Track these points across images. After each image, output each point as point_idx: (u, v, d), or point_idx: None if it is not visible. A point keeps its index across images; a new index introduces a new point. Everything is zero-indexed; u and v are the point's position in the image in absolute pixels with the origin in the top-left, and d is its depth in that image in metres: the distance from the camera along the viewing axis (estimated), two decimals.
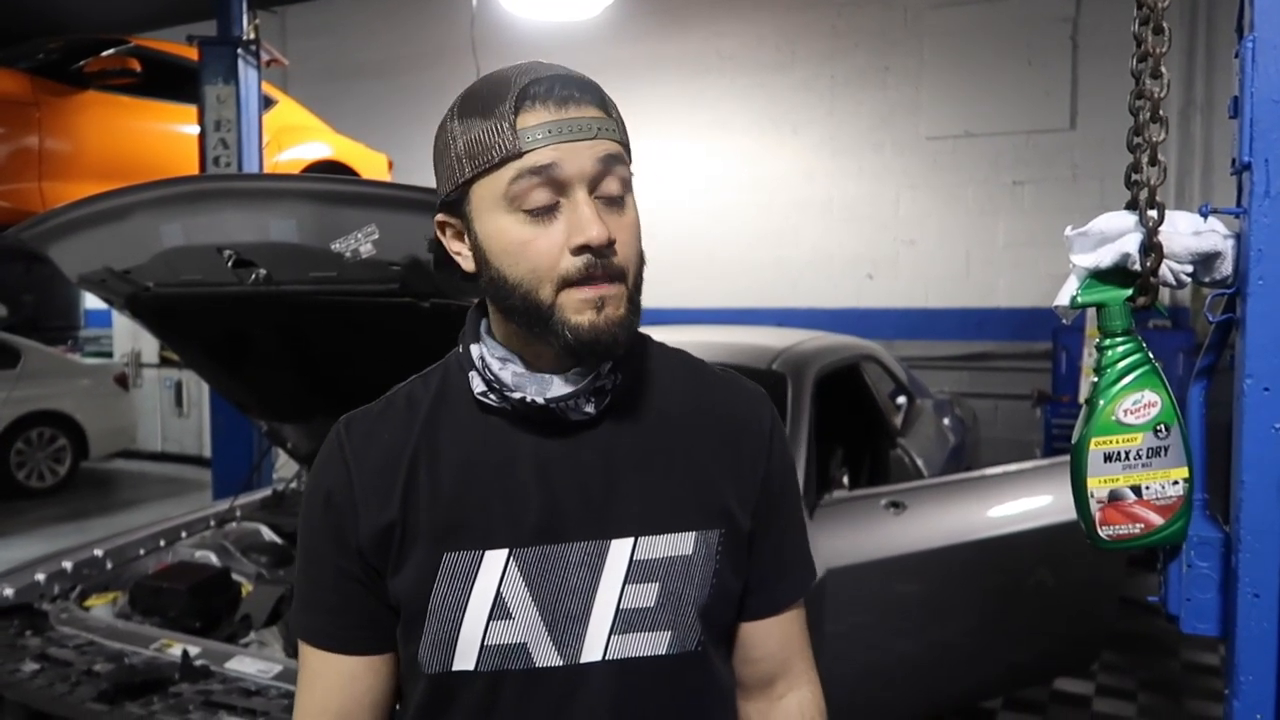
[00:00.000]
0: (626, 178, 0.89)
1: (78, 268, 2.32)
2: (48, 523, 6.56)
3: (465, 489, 0.92)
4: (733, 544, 0.95)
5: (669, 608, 0.91)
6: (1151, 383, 1.10)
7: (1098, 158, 6.23)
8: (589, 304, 0.86)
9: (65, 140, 5.00)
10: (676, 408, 0.98)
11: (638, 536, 0.92)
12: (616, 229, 0.87)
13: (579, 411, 0.92)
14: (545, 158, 0.84)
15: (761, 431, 1.00)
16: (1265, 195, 1.03)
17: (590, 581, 0.91)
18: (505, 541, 0.91)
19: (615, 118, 0.89)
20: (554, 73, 0.87)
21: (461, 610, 0.90)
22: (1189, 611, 1.14)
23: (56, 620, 2.19)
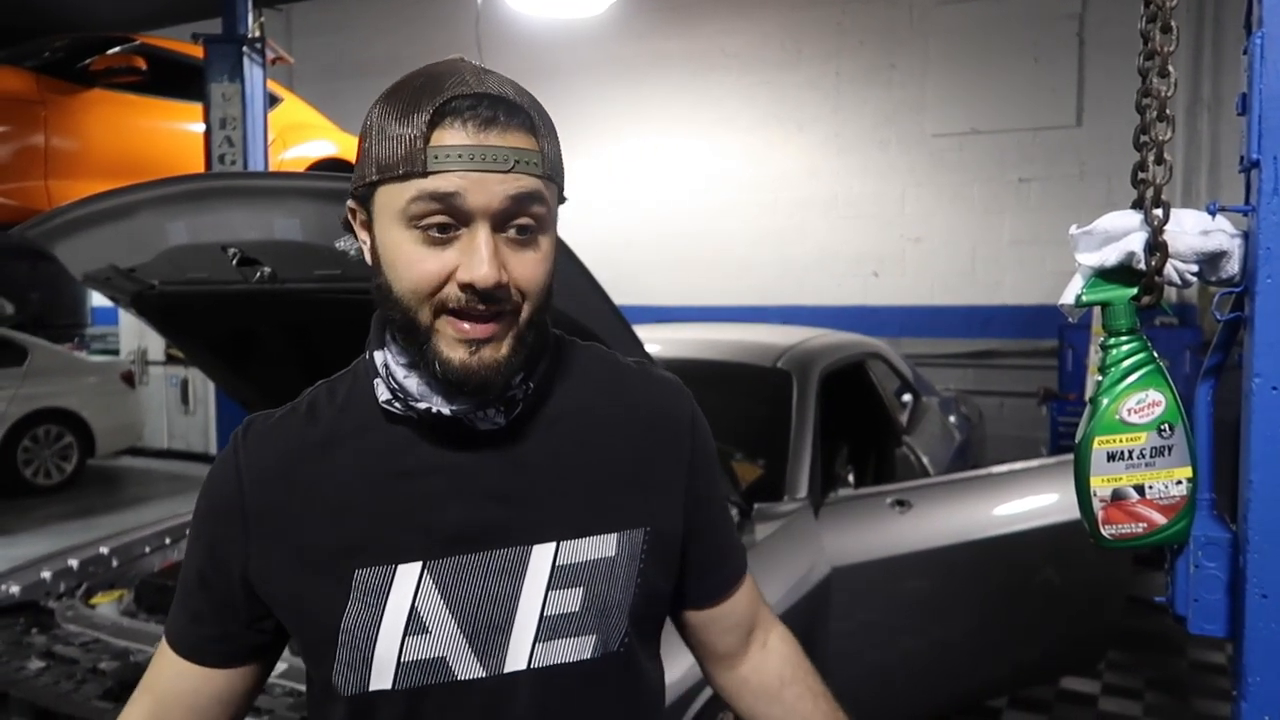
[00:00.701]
0: (542, 214, 0.84)
1: (83, 266, 2.32)
2: (54, 520, 6.59)
3: (372, 502, 0.89)
4: (659, 543, 0.95)
5: (594, 611, 0.90)
6: (1156, 382, 1.09)
7: (1104, 155, 6.21)
8: (462, 341, 0.83)
9: (71, 138, 5.01)
10: (593, 407, 0.96)
11: (560, 541, 0.90)
12: (516, 267, 0.83)
13: (488, 421, 0.89)
14: (450, 185, 0.80)
15: (681, 425, 1.00)
16: (1274, 193, 1.02)
17: (512, 589, 0.88)
18: (418, 555, 0.87)
19: (544, 148, 0.84)
20: (484, 89, 0.82)
21: (375, 628, 0.87)
22: (1196, 612, 1.13)
23: (62, 618, 2.19)
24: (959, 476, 3.16)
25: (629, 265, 7.36)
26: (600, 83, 7.70)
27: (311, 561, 0.88)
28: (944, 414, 4.39)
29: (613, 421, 0.96)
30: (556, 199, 0.89)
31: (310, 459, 0.91)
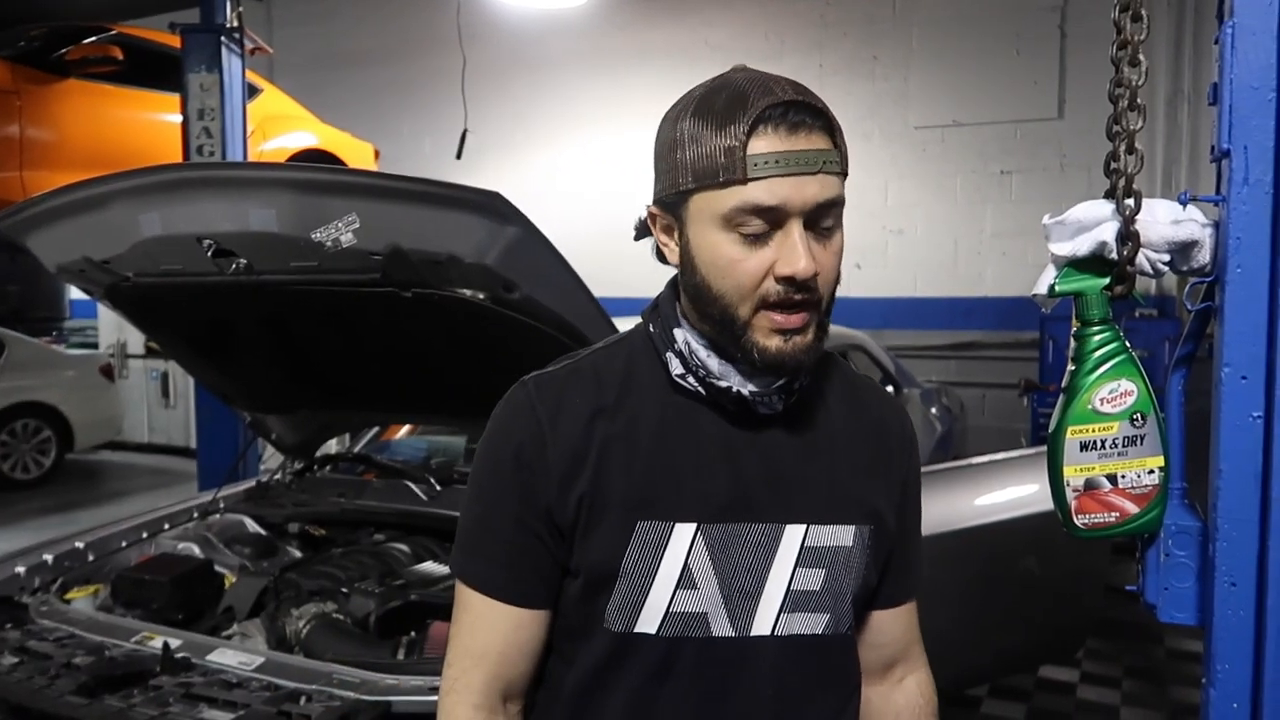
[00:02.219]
0: (840, 209, 0.93)
1: (56, 257, 2.29)
2: (33, 515, 6.53)
3: (657, 463, 0.98)
4: (877, 541, 1.04)
5: (830, 593, 1.00)
6: (1128, 371, 1.09)
7: (1085, 147, 6.24)
8: (777, 331, 0.93)
9: (47, 129, 4.95)
10: (838, 410, 1.06)
11: (810, 525, 0.99)
12: (821, 259, 0.92)
13: (770, 406, 0.98)
14: (770, 199, 0.89)
15: (905, 437, 1.10)
16: (1244, 183, 1.03)
17: (765, 561, 0.98)
18: (694, 516, 0.97)
19: (840, 146, 0.93)
20: (790, 96, 0.90)
21: (651, 577, 0.96)
22: (1167, 600, 1.14)
23: (36, 613, 2.17)
24: (940, 467, 3.17)
25: (611, 256, 7.29)
26: (583, 74, 7.67)
27: (603, 506, 0.97)
28: (925, 405, 4.41)
29: (852, 423, 1.06)
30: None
31: (604, 416, 0.99)
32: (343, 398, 2.82)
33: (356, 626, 2.14)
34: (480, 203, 1.83)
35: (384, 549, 2.57)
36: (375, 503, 2.74)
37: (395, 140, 7.88)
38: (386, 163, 7.13)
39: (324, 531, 2.77)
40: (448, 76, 6.53)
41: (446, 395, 2.64)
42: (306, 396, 2.80)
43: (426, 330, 2.22)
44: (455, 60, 5.31)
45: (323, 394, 2.79)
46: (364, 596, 2.19)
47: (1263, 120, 1.01)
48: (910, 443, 1.11)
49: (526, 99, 7.86)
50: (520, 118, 7.90)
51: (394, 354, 2.47)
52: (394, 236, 1.89)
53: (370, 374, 2.65)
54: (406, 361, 2.49)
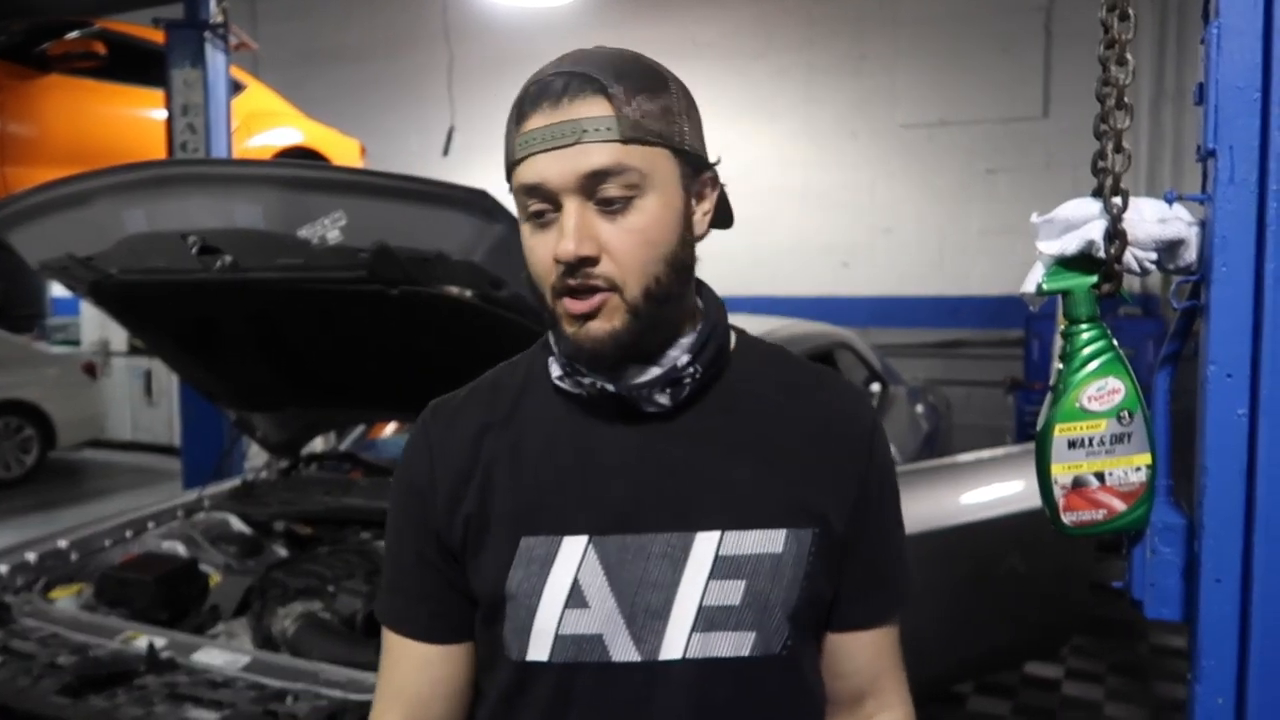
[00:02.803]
0: (632, 180, 0.84)
1: (39, 254, 2.27)
2: (15, 514, 6.47)
3: (544, 474, 0.91)
4: (827, 546, 0.91)
5: (754, 607, 0.88)
6: (1115, 369, 1.10)
7: (1071, 146, 6.27)
8: (573, 317, 0.86)
9: (28, 125, 4.90)
10: (770, 403, 0.94)
11: (724, 531, 0.88)
12: (612, 238, 0.84)
13: (652, 402, 0.90)
14: (532, 176, 0.84)
15: (861, 432, 0.96)
16: (1230, 182, 1.04)
17: (672, 575, 0.87)
18: (584, 528, 0.89)
19: (625, 111, 0.83)
20: (565, 67, 0.84)
21: (537, 597, 0.88)
22: (1153, 597, 1.15)
23: (20, 613, 2.15)
24: (926, 465, 3.18)
25: None
26: None
27: (487, 525, 0.91)
28: (912, 403, 4.42)
29: (790, 419, 0.94)
30: (670, 161, 0.86)
31: (492, 431, 0.94)
32: (329, 395, 2.81)
33: (343, 625, 2.13)
34: (467, 200, 1.82)
35: (370, 547, 2.57)
36: (361, 501, 2.73)
37: (381, 137, 7.84)
38: (373, 159, 7.09)
39: (310, 530, 2.76)
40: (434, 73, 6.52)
41: (433, 393, 2.63)
42: (292, 394, 2.78)
43: (413, 328, 2.21)
44: (441, 57, 5.30)
45: (309, 392, 2.78)
46: (350, 595, 2.19)
47: (1248, 120, 1.02)
48: (870, 437, 0.96)
49: (513, 96, 7.82)
50: (508, 114, 7.87)
51: (381, 352, 2.46)
52: (381, 234, 1.89)
53: (357, 372, 2.64)
54: (393, 359, 2.48)
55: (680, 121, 0.87)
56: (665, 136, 0.85)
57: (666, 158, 0.86)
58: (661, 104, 0.86)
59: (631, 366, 0.89)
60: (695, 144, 0.89)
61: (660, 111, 0.85)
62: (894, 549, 0.99)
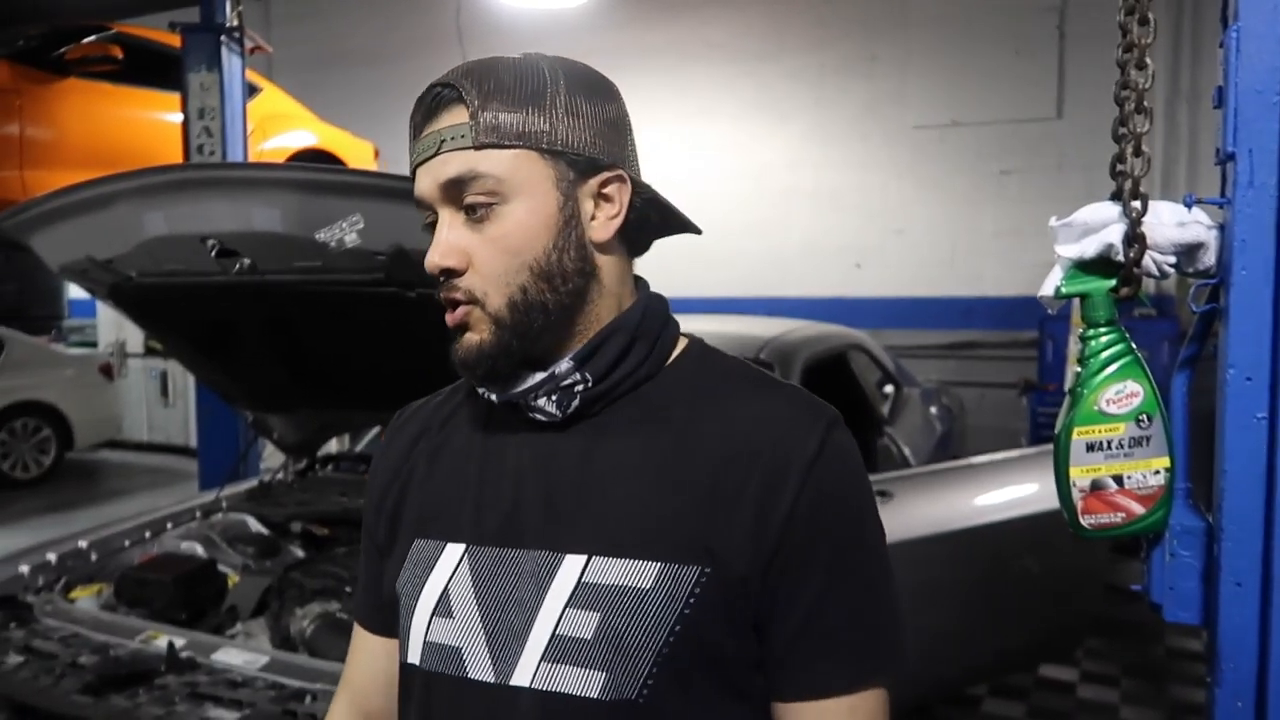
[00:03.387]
0: (490, 188, 0.81)
1: (59, 257, 2.30)
2: (32, 514, 6.53)
3: (449, 481, 0.90)
4: (720, 589, 0.79)
5: (607, 645, 0.79)
6: (1134, 373, 1.10)
7: (1084, 147, 6.25)
8: (454, 328, 0.85)
9: (47, 128, 4.94)
10: (688, 419, 0.84)
11: (591, 556, 0.81)
12: (476, 249, 0.82)
13: (541, 411, 0.85)
14: (416, 189, 0.85)
15: (790, 460, 0.80)
16: (1249, 185, 1.04)
17: (536, 597, 0.82)
18: (465, 537, 0.86)
19: (481, 117, 0.80)
20: (442, 79, 0.84)
21: (415, 599, 0.87)
22: (1172, 600, 1.15)
23: (41, 612, 2.17)
24: (940, 467, 3.18)
25: None
26: None
27: (397, 527, 0.93)
28: (925, 405, 4.42)
29: (702, 438, 0.83)
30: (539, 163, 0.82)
31: (427, 435, 0.96)
32: (345, 397, 2.82)
33: None
34: None
35: None
36: None
37: (395, 139, 7.80)
38: (387, 162, 7.13)
39: (326, 530, 2.78)
40: None
41: None
42: (309, 396, 2.80)
43: (430, 330, 2.22)
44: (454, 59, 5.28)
45: (325, 393, 2.79)
46: None
47: (1267, 124, 1.02)
48: (801, 464, 0.80)
49: None
50: None
51: (397, 353, 2.47)
52: (398, 236, 1.90)
53: (373, 374, 2.65)
54: (409, 361, 2.48)
55: (556, 122, 0.82)
56: (527, 138, 0.81)
57: (533, 160, 0.81)
58: (528, 106, 0.81)
59: (522, 374, 0.85)
60: (582, 144, 0.83)
61: (524, 114, 0.81)
62: (849, 608, 0.82)
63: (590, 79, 0.86)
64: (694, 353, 0.91)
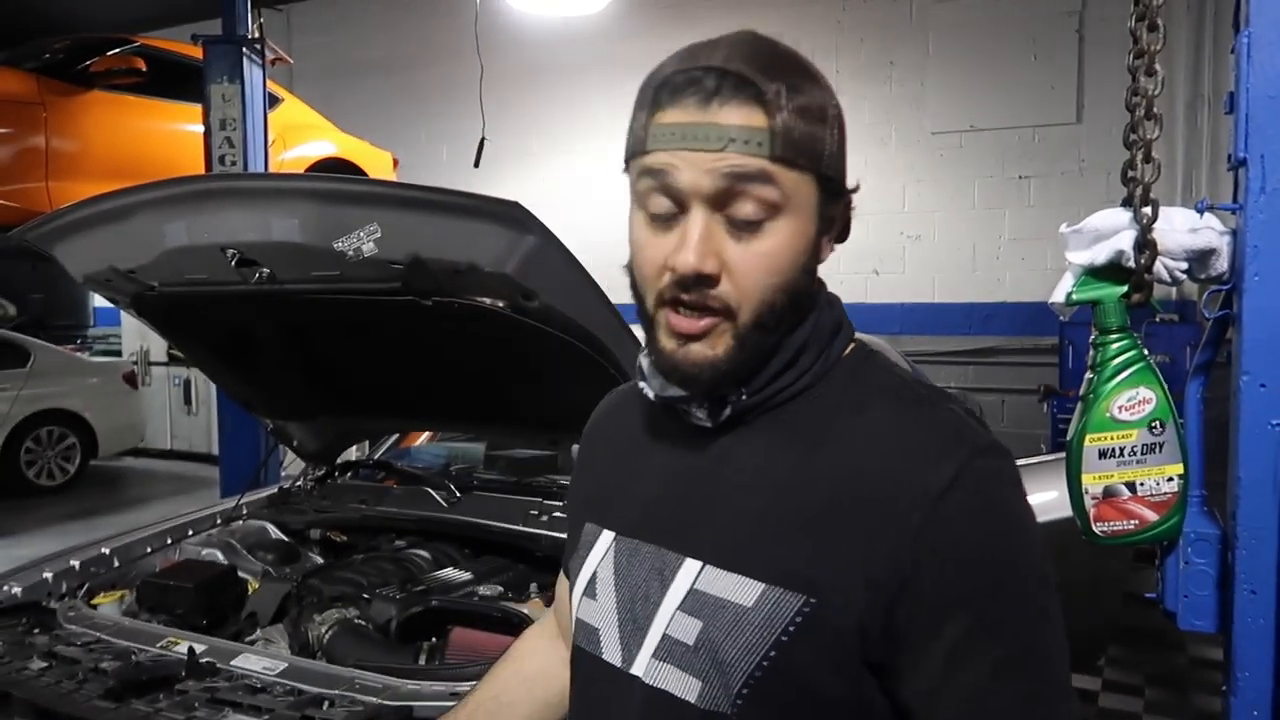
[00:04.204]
0: (772, 199, 0.76)
1: (83, 267, 2.33)
2: (57, 521, 6.60)
3: (611, 468, 0.95)
4: (821, 628, 0.74)
5: (705, 655, 0.78)
6: (1146, 379, 1.10)
7: (1104, 152, 6.20)
8: (674, 333, 0.79)
9: (71, 140, 5.02)
10: (814, 441, 0.80)
11: (706, 564, 0.81)
12: (735, 258, 0.76)
13: (694, 417, 0.85)
14: (659, 161, 0.77)
15: (909, 497, 0.73)
16: (1261, 191, 1.03)
17: (659, 593, 0.83)
18: (614, 525, 0.90)
19: (779, 125, 0.75)
20: (714, 62, 0.77)
21: (575, 577, 0.93)
22: (1186, 608, 1.14)
23: (64, 618, 2.20)
24: None
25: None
26: (599, 81, 7.69)
27: (575, 506, 0.99)
28: None
29: (827, 459, 0.79)
30: (815, 187, 0.79)
31: (612, 419, 1.01)
32: (363, 405, 2.84)
33: (378, 632, 2.15)
34: (499, 212, 1.84)
35: (405, 555, 2.59)
36: (395, 509, 2.76)
37: (413, 148, 7.93)
38: (405, 171, 7.18)
39: (345, 538, 2.80)
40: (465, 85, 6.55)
41: (466, 402, 2.66)
42: (328, 404, 2.82)
43: (446, 338, 2.24)
44: (473, 69, 5.35)
45: (344, 401, 2.82)
46: (385, 602, 2.21)
47: (1279, 129, 1.02)
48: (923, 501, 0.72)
49: (543, 107, 7.90)
50: (537, 126, 7.93)
51: (414, 362, 2.49)
52: (415, 246, 1.91)
53: (391, 381, 2.67)
54: (426, 369, 2.51)
55: (831, 143, 0.79)
56: (813, 160, 0.78)
57: (809, 183, 0.78)
58: (816, 121, 0.78)
59: None
60: (838, 167, 0.81)
61: (813, 130, 0.77)
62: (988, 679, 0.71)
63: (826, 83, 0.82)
64: (852, 362, 0.86)
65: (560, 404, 2.47)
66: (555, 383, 2.29)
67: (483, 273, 1.90)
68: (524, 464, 3.06)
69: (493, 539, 2.55)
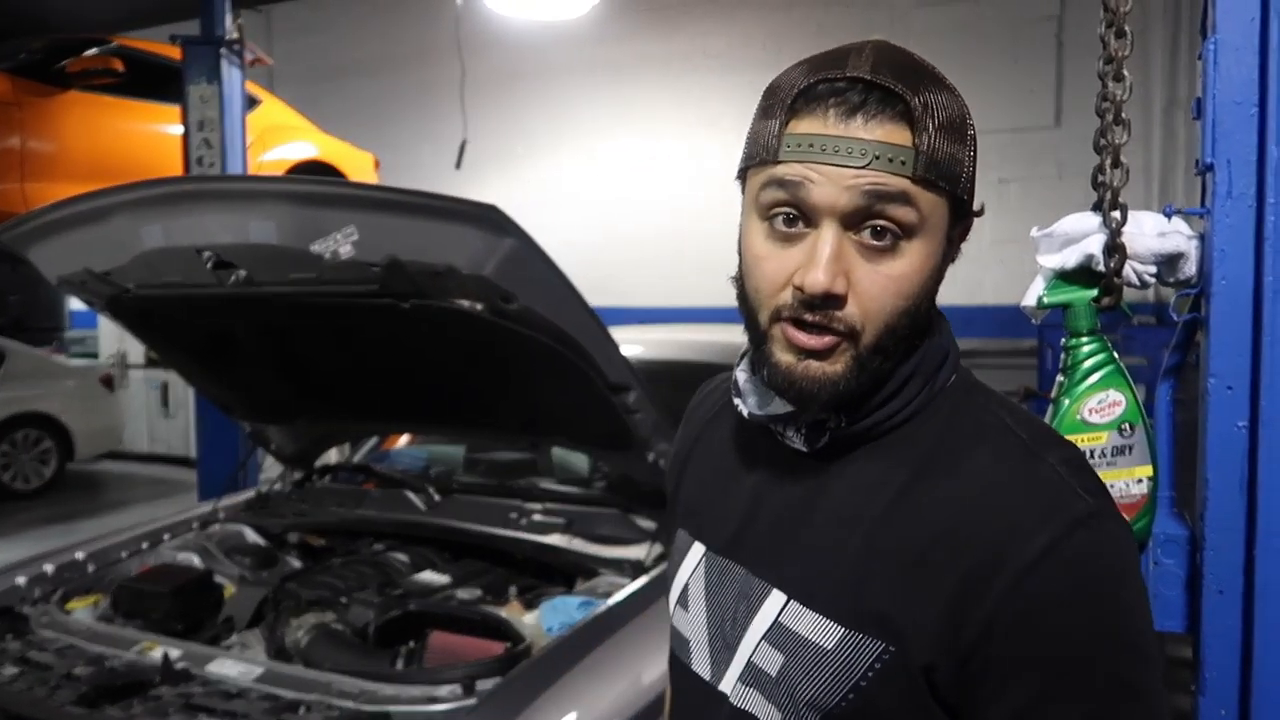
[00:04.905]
0: (909, 223, 0.73)
1: (57, 269, 2.31)
2: (33, 525, 6.53)
3: (706, 480, 0.94)
4: (899, 673, 0.74)
5: (784, 689, 0.78)
6: (1116, 382, 1.11)
7: (1083, 155, 6.07)
8: (795, 347, 0.76)
9: (48, 141, 4.97)
10: (909, 482, 0.78)
11: (790, 599, 0.80)
12: (864, 279, 0.74)
13: (790, 439, 0.82)
14: (795, 173, 0.73)
15: (999, 560, 0.71)
16: (1228, 196, 1.05)
17: (746, 617, 0.83)
18: (706, 540, 0.90)
19: (923, 145, 0.72)
20: (860, 73, 0.74)
21: (670, 582, 0.94)
22: (1156, 608, 1.15)
23: (37, 624, 2.18)
24: None
25: (609, 265, 7.37)
26: (582, 84, 7.70)
27: (674, 510, 0.99)
28: None
29: (919, 505, 0.76)
30: (947, 209, 0.76)
31: (709, 423, 0.98)
32: (342, 408, 2.83)
33: (356, 636, 2.14)
34: (477, 215, 1.84)
35: (383, 559, 2.58)
36: (374, 512, 2.75)
37: (395, 150, 7.91)
38: (386, 172, 7.15)
39: (323, 541, 2.78)
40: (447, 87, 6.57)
41: (445, 405, 2.66)
42: (306, 406, 2.81)
43: (425, 341, 2.24)
44: (454, 70, 5.35)
45: (322, 404, 2.80)
46: (363, 606, 2.20)
47: (1245, 135, 1.03)
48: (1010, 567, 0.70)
49: (525, 109, 7.89)
50: (519, 128, 7.93)
51: (393, 364, 2.48)
52: (392, 248, 1.91)
53: (369, 384, 2.66)
54: (405, 372, 2.50)
55: (969, 165, 0.77)
56: (952, 183, 0.75)
57: (944, 205, 0.76)
58: (958, 143, 0.75)
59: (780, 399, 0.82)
60: (972, 189, 0.78)
61: (954, 150, 0.75)
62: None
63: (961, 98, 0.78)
64: (956, 393, 0.83)
65: (539, 406, 2.47)
66: (534, 385, 2.29)
67: (461, 275, 1.90)
68: (504, 467, 3.05)
69: (472, 542, 2.54)
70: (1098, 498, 0.73)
